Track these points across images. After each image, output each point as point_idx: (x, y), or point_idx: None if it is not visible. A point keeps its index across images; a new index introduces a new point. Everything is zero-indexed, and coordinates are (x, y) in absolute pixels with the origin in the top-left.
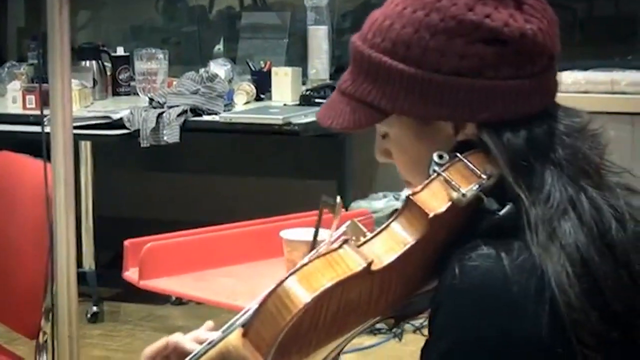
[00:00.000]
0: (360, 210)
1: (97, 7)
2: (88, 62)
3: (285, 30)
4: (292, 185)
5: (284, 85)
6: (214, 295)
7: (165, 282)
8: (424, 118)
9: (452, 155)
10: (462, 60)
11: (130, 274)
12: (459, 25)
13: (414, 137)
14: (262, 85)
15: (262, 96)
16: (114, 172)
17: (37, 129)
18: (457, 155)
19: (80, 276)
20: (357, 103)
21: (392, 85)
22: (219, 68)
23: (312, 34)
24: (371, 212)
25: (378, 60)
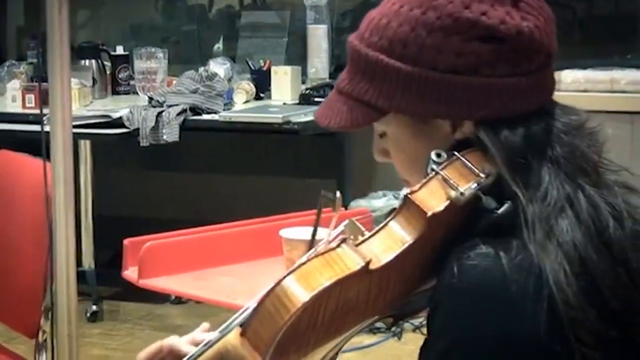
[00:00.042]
0: (359, 210)
1: (96, 6)
2: (87, 61)
3: (284, 29)
4: (292, 184)
5: (284, 84)
6: (213, 294)
7: (165, 281)
8: (421, 116)
9: (450, 154)
10: (459, 58)
11: (130, 273)
12: (455, 23)
13: (411, 135)
14: (262, 84)
15: (261, 95)
16: (114, 171)
17: (37, 128)
18: (455, 153)
19: (80, 275)
20: (355, 102)
21: (389, 83)
22: (219, 67)
23: (312, 33)
24: (371, 211)
25: (375, 58)
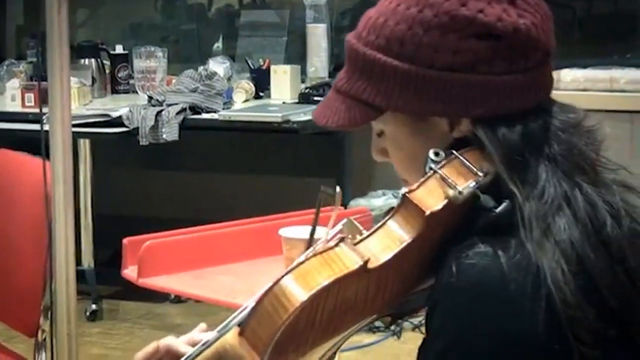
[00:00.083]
0: (359, 209)
1: (96, 5)
2: (87, 60)
3: (284, 28)
4: (291, 183)
5: (283, 83)
6: (212, 293)
7: (164, 280)
8: (418, 114)
9: (448, 153)
10: (456, 56)
11: (129, 272)
12: (452, 20)
13: (409, 134)
14: (261, 83)
15: (261, 94)
16: (113, 170)
17: (36, 127)
18: (453, 152)
19: (79, 274)
20: (352, 101)
21: (386, 82)
22: (218, 66)
23: (311, 32)
24: (370, 210)
25: (372, 57)
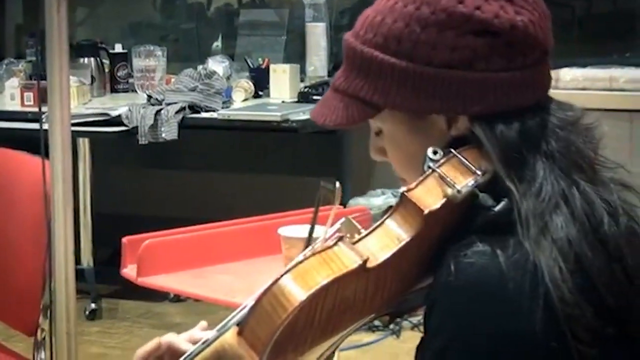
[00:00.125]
0: (358, 208)
1: (95, 4)
2: (86, 59)
3: (283, 27)
4: (291, 182)
5: (282, 82)
6: (212, 293)
7: (163, 279)
8: (416, 112)
9: (446, 151)
10: (453, 53)
11: (128, 271)
12: (449, 17)
13: (407, 132)
14: (261, 82)
15: (260, 93)
16: (112, 169)
17: (35, 126)
18: (452, 151)
19: (78, 273)
20: (350, 99)
21: (384, 79)
22: (217, 65)
23: (310, 31)
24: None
25: (370, 55)
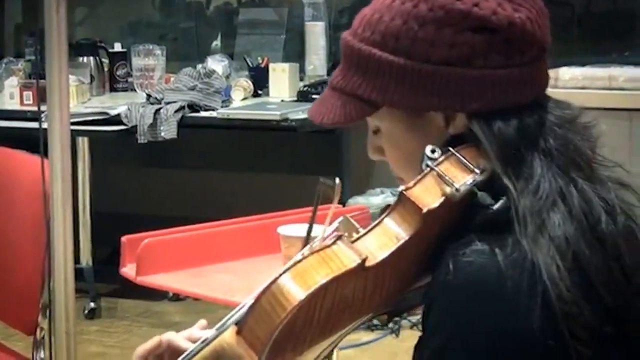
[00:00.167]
0: (357, 207)
1: (94, 3)
2: (85, 58)
3: (282, 26)
4: (290, 181)
5: (282, 81)
6: (211, 292)
7: (163, 278)
8: (414, 109)
9: (444, 150)
10: (452, 50)
11: (128, 270)
12: (447, 14)
13: (405, 130)
14: (260, 81)
15: (259, 92)
16: (111, 168)
17: (35, 125)
18: (450, 149)
19: (78, 272)
20: (348, 97)
21: (382, 77)
22: (217, 64)
23: (310, 30)
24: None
25: (367, 52)
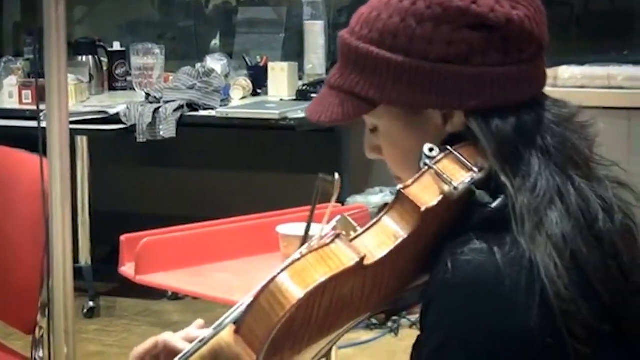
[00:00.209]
0: (356, 205)
1: (93, 2)
2: (84, 57)
3: (281, 25)
4: (289, 180)
5: (281, 80)
6: (210, 291)
7: (162, 277)
8: (412, 107)
9: (442, 148)
10: (449, 47)
11: (127, 269)
12: (445, 12)
13: (403, 128)
14: (259, 80)
15: (258, 91)
16: (110, 167)
17: (34, 124)
18: (448, 148)
19: (77, 271)
20: (345, 95)
21: (379, 74)
22: (216, 63)
23: (309, 29)
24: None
25: (365, 50)
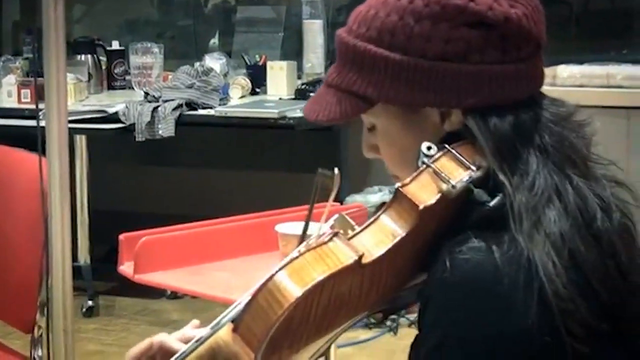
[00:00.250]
0: (354, 204)
1: (92, 1)
2: (83, 56)
3: (280, 24)
4: (288, 179)
5: (279, 79)
6: (209, 289)
7: (160, 276)
8: (410, 105)
9: (440, 147)
10: (447, 45)
11: (126, 268)
12: (443, 10)
13: (401, 126)
14: (258, 79)
15: (257, 90)
16: (109, 166)
17: (33, 123)
18: (446, 146)
19: (76, 270)
20: (343, 93)
21: (377, 73)
22: (214, 62)
23: (308, 28)
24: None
25: (363, 48)
